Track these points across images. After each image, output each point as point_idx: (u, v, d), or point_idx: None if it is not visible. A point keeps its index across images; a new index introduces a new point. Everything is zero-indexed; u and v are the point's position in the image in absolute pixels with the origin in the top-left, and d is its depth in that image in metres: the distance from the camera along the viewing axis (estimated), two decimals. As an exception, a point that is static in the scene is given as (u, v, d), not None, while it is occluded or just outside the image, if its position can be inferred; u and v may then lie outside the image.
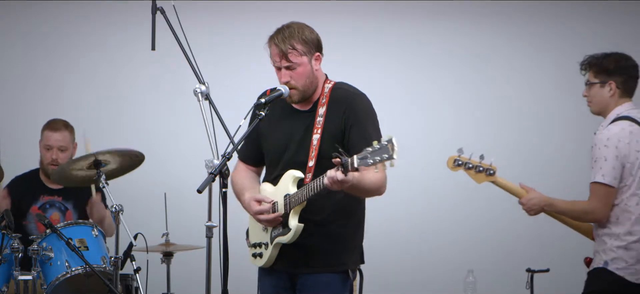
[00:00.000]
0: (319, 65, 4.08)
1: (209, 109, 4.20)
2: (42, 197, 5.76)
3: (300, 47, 3.99)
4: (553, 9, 6.74)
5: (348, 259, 4.06)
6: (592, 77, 4.69)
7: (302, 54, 4.00)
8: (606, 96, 4.66)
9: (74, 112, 6.36)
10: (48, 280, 5.05)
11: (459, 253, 6.59)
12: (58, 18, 6.50)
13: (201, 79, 4.30)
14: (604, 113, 4.70)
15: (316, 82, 4.05)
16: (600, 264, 4.57)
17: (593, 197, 4.55)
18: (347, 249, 4.07)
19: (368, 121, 3.96)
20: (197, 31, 4.77)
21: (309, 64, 4.02)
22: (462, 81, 6.75)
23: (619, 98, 4.67)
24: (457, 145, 6.70)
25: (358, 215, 4.08)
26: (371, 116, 3.99)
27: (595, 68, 4.69)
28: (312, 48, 4.03)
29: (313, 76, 4.04)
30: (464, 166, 4.59)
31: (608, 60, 4.68)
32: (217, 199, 3.95)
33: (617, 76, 4.66)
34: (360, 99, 4.02)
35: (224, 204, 3.86)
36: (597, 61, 4.69)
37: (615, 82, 4.65)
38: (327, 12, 6.57)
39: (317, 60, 4.06)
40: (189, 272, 5.75)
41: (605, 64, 4.67)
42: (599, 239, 4.62)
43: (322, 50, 4.10)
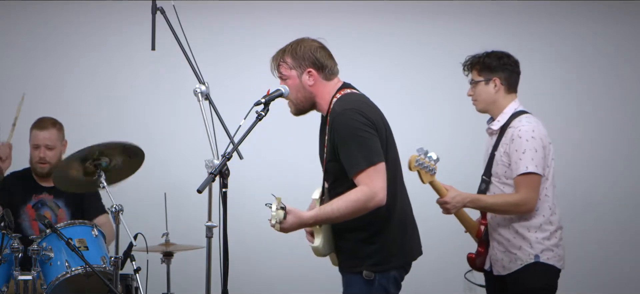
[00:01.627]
0: (314, 81, 4.12)
1: (209, 109, 4.20)
2: (35, 196, 5.77)
3: (289, 61, 4.12)
4: (553, 9, 6.74)
5: (362, 262, 4.09)
6: (476, 75, 4.79)
7: (291, 67, 4.12)
8: (492, 92, 4.76)
9: (74, 112, 6.37)
10: (48, 280, 5.05)
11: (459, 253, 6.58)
12: (58, 18, 6.50)
13: (201, 79, 4.31)
14: (491, 110, 4.80)
15: (311, 96, 4.13)
16: (530, 259, 4.64)
17: (526, 188, 4.60)
18: (362, 252, 4.10)
19: (349, 140, 3.98)
20: (197, 31, 4.77)
21: (298, 79, 4.11)
22: (462, 80, 6.73)
23: (506, 94, 4.76)
24: (457, 145, 6.74)
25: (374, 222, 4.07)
26: (351, 133, 3.98)
27: (478, 66, 4.79)
28: (304, 63, 4.11)
29: (305, 90, 4.12)
30: (420, 166, 4.61)
31: (490, 58, 4.78)
32: (217, 199, 3.95)
33: (501, 72, 4.76)
34: (340, 118, 4.02)
35: (224, 204, 3.86)
36: (480, 59, 4.80)
37: (499, 79, 4.74)
38: (327, 12, 6.57)
39: (310, 76, 4.11)
40: (189, 272, 5.75)
41: (487, 61, 4.78)
42: (516, 234, 4.67)
43: (321, 67, 4.14)
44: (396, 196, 4.11)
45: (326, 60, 4.15)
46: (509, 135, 4.66)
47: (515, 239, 4.68)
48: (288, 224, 3.94)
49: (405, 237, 4.16)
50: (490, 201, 4.70)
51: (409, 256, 4.19)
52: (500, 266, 4.77)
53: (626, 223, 6.81)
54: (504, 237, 4.72)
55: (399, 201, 4.13)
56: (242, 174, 4.77)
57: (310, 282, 6.39)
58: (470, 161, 6.72)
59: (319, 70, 4.13)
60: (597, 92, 6.83)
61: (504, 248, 4.73)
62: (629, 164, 6.84)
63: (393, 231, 4.10)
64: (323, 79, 4.15)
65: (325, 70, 4.14)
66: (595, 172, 6.82)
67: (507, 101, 4.76)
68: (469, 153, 6.72)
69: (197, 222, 4.68)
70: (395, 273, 4.10)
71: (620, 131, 6.84)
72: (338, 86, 4.18)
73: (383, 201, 3.95)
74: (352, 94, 4.16)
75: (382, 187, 3.94)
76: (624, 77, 6.86)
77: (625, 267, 6.79)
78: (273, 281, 6.53)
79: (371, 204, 3.93)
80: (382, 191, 3.94)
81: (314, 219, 3.99)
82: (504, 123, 4.74)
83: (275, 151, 6.48)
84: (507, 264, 4.72)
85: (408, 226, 4.20)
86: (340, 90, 4.16)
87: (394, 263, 4.10)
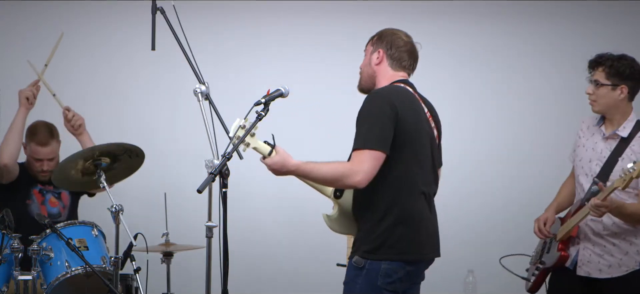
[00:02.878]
0: (380, 62, 4.25)
1: (209, 109, 4.20)
2: (37, 183, 5.77)
3: (375, 39, 4.34)
4: (553, 9, 6.74)
5: (358, 248, 4.11)
6: (603, 78, 4.66)
7: (372, 44, 4.33)
8: (616, 98, 4.65)
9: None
10: (48, 280, 5.05)
11: (459, 253, 6.59)
12: (58, 18, 6.50)
13: (201, 79, 4.31)
14: (610, 114, 4.69)
15: (373, 75, 4.27)
16: (637, 265, 4.58)
17: None
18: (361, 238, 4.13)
19: (362, 119, 4.04)
20: (197, 31, 4.77)
21: (370, 55, 4.29)
22: (462, 80, 6.75)
23: (628, 102, 4.67)
24: (457, 145, 6.73)
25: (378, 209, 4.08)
26: (367, 113, 4.03)
27: (607, 69, 4.66)
28: (380, 44, 4.28)
29: (370, 67, 4.28)
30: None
31: (622, 64, 4.65)
32: (217, 199, 3.95)
33: (630, 80, 4.65)
34: (366, 99, 4.12)
35: (224, 204, 3.86)
36: (611, 63, 4.66)
37: (627, 87, 4.64)
38: (327, 12, 6.57)
39: (378, 56, 4.26)
40: (189, 272, 5.76)
41: (619, 67, 4.64)
42: (624, 240, 4.60)
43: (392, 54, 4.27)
44: (411, 192, 4.09)
45: (400, 52, 4.26)
46: None
47: (621, 243, 4.60)
48: (272, 161, 3.96)
49: (408, 233, 4.10)
50: (631, 209, 4.55)
51: (411, 254, 4.12)
52: (594, 269, 4.65)
53: None
54: (608, 241, 4.63)
55: (415, 197, 4.11)
56: (242, 174, 4.77)
57: (311, 282, 6.39)
58: (470, 161, 6.74)
59: (389, 56, 4.24)
60: (597, 92, 6.83)
61: (604, 252, 4.63)
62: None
63: (394, 224, 4.07)
64: (389, 65, 4.24)
65: (394, 58, 4.24)
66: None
67: (629, 108, 4.68)
68: (469, 153, 6.74)
69: (197, 222, 4.67)
70: (386, 265, 4.05)
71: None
72: (400, 78, 4.24)
73: (361, 183, 3.95)
74: (398, 86, 4.19)
75: (367, 172, 3.94)
76: (624, 77, 6.86)
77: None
78: (273, 281, 6.52)
79: (348, 180, 3.96)
80: (364, 174, 3.94)
81: (296, 167, 4.00)
82: (631, 131, 4.65)
83: (275, 151, 6.48)
84: (606, 268, 4.63)
85: (421, 226, 4.14)
86: (397, 82, 4.21)
87: (384, 254, 4.06)
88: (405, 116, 4.04)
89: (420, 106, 4.21)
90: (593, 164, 4.71)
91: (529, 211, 5.40)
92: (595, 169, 4.69)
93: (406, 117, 4.05)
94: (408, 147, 4.05)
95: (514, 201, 6.59)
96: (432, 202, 4.25)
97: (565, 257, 4.74)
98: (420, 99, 4.24)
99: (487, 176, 6.69)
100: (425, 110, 4.23)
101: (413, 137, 4.08)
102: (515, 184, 6.64)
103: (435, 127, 4.29)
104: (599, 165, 4.68)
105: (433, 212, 4.25)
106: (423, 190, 4.14)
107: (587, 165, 4.72)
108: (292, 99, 4.22)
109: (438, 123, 4.32)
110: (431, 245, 4.23)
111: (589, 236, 4.66)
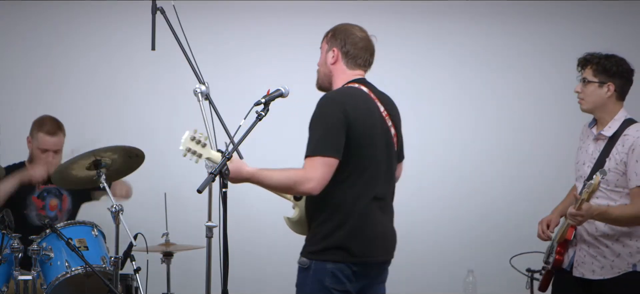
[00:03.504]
0: (335, 62, 4.23)
1: (209, 109, 4.20)
2: (39, 185, 5.77)
3: (329, 36, 4.29)
4: (553, 9, 6.74)
5: (304, 248, 4.15)
6: (591, 75, 4.67)
7: (327, 42, 4.28)
8: (603, 96, 4.65)
9: (74, 112, 6.37)
10: (48, 280, 5.05)
11: (459, 253, 6.59)
12: (58, 18, 6.50)
13: (201, 79, 4.31)
14: (598, 113, 4.68)
15: (329, 74, 4.25)
16: (629, 267, 4.56)
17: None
18: (308, 239, 4.16)
19: (313, 124, 4.04)
20: (197, 31, 4.77)
21: (325, 54, 4.27)
22: (461, 80, 6.75)
23: (616, 100, 4.66)
24: (457, 145, 6.74)
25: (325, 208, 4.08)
26: (317, 118, 4.04)
27: (594, 67, 4.67)
28: (334, 42, 4.24)
29: (326, 67, 4.26)
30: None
31: (610, 62, 4.65)
32: (217, 199, 3.95)
33: (618, 78, 4.65)
34: (318, 102, 4.12)
35: (224, 204, 3.86)
36: (598, 60, 4.67)
37: (614, 85, 4.64)
38: (328, 12, 6.56)
39: (333, 55, 4.23)
40: (189, 272, 5.76)
41: (606, 64, 4.65)
42: (617, 241, 4.58)
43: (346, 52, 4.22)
44: (359, 195, 4.07)
45: (355, 50, 4.22)
46: (628, 144, 4.55)
47: (614, 245, 4.59)
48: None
49: (353, 235, 4.08)
50: (616, 213, 4.54)
51: (355, 257, 4.09)
52: (588, 270, 4.64)
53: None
54: (601, 242, 4.61)
55: (363, 200, 4.09)
56: (242, 174, 4.76)
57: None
58: (470, 161, 6.75)
59: (343, 55, 4.22)
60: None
61: (597, 253, 4.62)
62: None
63: (338, 226, 4.06)
64: (344, 65, 4.22)
65: (349, 56, 4.21)
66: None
67: (617, 107, 4.66)
68: (469, 153, 6.74)
69: (197, 222, 4.67)
70: (331, 266, 4.05)
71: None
72: (355, 77, 4.21)
73: (314, 191, 3.97)
74: (352, 87, 4.17)
75: (319, 179, 3.96)
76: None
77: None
78: (273, 281, 6.52)
79: (301, 188, 3.98)
80: (316, 182, 3.96)
81: (250, 174, 4.01)
82: (616, 130, 4.63)
83: (275, 151, 6.47)
84: (599, 270, 4.61)
85: (367, 228, 4.11)
86: (353, 82, 4.19)
87: (328, 255, 4.06)
88: (357, 121, 4.04)
89: (374, 106, 4.18)
90: (585, 167, 4.72)
91: (529, 211, 5.41)
92: (586, 171, 4.69)
93: (358, 122, 4.04)
94: (359, 152, 4.05)
95: (514, 201, 6.60)
96: (386, 205, 4.22)
97: (559, 260, 4.75)
98: (375, 98, 4.20)
99: (487, 176, 6.69)
100: (380, 109, 4.20)
101: (365, 142, 4.08)
102: (515, 184, 6.65)
103: (393, 124, 4.24)
104: (590, 167, 4.69)
105: (387, 215, 4.22)
106: (374, 194, 4.12)
107: (581, 168, 4.74)
108: (292, 99, 4.22)
109: (395, 119, 4.27)
110: (379, 248, 4.19)
111: (585, 237, 4.65)
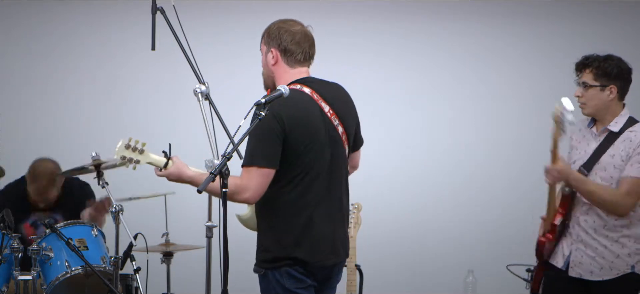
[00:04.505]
0: (276, 63, 4.11)
1: (209, 109, 4.20)
2: (33, 213, 5.74)
3: (265, 37, 4.16)
4: (553, 9, 6.74)
5: (257, 256, 4.15)
6: (591, 79, 4.63)
7: (264, 43, 4.16)
8: (606, 99, 4.62)
9: (74, 112, 6.37)
10: (48, 280, 5.05)
11: (459, 253, 6.59)
12: (58, 18, 6.50)
13: (201, 79, 4.31)
14: (600, 115, 4.66)
15: (272, 76, 4.12)
16: (627, 268, 4.55)
17: (630, 191, 4.51)
18: (258, 246, 4.16)
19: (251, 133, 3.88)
20: (197, 31, 4.77)
21: (264, 56, 4.15)
22: (461, 80, 6.75)
23: (618, 101, 4.65)
24: (457, 145, 6.74)
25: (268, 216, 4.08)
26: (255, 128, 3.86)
27: (594, 70, 4.63)
28: (271, 42, 4.12)
29: (267, 69, 4.14)
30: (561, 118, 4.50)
31: (610, 65, 4.62)
32: (217, 199, 3.95)
33: (619, 81, 4.62)
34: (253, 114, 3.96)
35: (224, 204, 3.86)
36: (598, 64, 4.63)
37: (616, 87, 4.62)
38: (327, 12, 6.57)
39: (272, 56, 4.11)
40: (189, 272, 5.75)
41: (607, 68, 4.61)
42: (615, 242, 4.57)
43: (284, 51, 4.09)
44: (307, 202, 4.04)
45: (292, 46, 4.10)
46: (637, 141, 4.54)
47: (613, 246, 4.57)
48: (168, 172, 3.95)
49: (303, 243, 4.05)
50: (592, 187, 4.55)
51: (307, 259, 4.07)
52: (586, 271, 4.61)
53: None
54: (600, 243, 4.59)
55: (306, 206, 4.05)
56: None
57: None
58: (470, 161, 6.75)
59: (282, 53, 4.10)
60: (597, 92, 6.83)
61: (596, 254, 4.60)
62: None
63: (286, 232, 4.05)
64: (285, 64, 4.10)
65: (288, 54, 4.10)
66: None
67: (619, 107, 4.64)
68: (468, 153, 6.74)
69: (197, 222, 4.68)
70: (286, 270, 4.05)
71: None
72: (298, 77, 4.10)
73: (250, 200, 3.98)
74: (293, 91, 3.99)
75: (255, 188, 3.93)
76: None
77: None
78: (273, 281, 6.52)
79: (238, 197, 3.94)
80: (252, 192, 3.94)
81: (190, 178, 3.97)
82: (622, 126, 4.62)
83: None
84: (597, 271, 4.59)
85: (312, 233, 4.07)
86: (295, 83, 4.07)
87: (280, 262, 4.05)
88: (294, 129, 3.96)
89: (316, 108, 4.06)
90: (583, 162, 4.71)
91: (529, 211, 5.40)
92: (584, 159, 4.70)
93: (295, 130, 3.97)
94: (298, 159, 4.00)
95: (514, 201, 6.59)
96: (333, 206, 4.13)
97: (542, 242, 4.72)
98: (319, 98, 4.08)
99: (487, 177, 6.69)
100: (325, 109, 4.08)
101: (304, 148, 4.00)
102: (516, 185, 6.64)
103: (341, 122, 4.12)
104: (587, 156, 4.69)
105: (334, 216, 4.14)
106: (318, 198, 4.06)
107: (574, 167, 4.72)
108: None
109: (343, 112, 4.14)
110: (326, 251, 4.13)
111: (582, 236, 4.64)
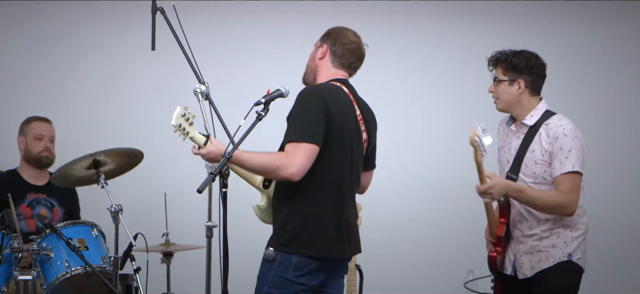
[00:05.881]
0: (323, 57, 4.27)
1: (209, 109, 4.20)
2: (29, 194, 5.76)
3: (325, 35, 4.33)
4: (553, 9, 6.74)
5: (272, 239, 4.13)
6: (500, 74, 4.71)
7: (321, 39, 4.33)
8: (515, 93, 4.68)
9: (74, 112, 6.37)
10: (48, 280, 5.05)
11: (459, 253, 6.59)
12: (58, 18, 6.50)
13: (201, 79, 4.31)
14: (514, 110, 4.70)
15: (315, 69, 4.30)
16: (563, 257, 4.56)
17: (570, 188, 4.52)
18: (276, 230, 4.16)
19: (296, 112, 4.04)
20: (197, 31, 4.77)
21: (316, 49, 4.32)
22: (461, 81, 6.75)
23: (530, 96, 4.68)
24: (457, 145, 6.71)
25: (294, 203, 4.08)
26: (300, 108, 4.03)
27: (504, 65, 4.71)
28: (326, 40, 4.30)
29: (313, 61, 4.31)
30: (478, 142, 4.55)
31: (518, 58, 4.69)
32: (217, 199, 3.95)
33: (527, 74, 4.67)
34: (300, 93, 4.12)
35: (224, 204, 3.87)
36: (506, 58, 4.71)
37: (524, 81, 4.67)
38: (328, 12, 6.57)
39: (322, 51, 4.28)
40: (189, 272, 5.76)
41: (514, 61, 4.69)
42: (551, 231, 4.59)
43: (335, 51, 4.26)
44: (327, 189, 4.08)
45: (344, 50, 4.25)
46: (552, 134, 4.57)
47: (550, 236, 4.58)
48: (207, 150, 3.96)
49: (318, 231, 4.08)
50: (533, 194, 4.56)
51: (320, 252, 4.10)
52: (527, 269, 4.63)
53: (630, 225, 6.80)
54: (535, 238, 4.60)
55: (331, 198, 4.09)
56: (242, 174, 4.76)
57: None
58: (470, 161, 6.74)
59: (332, 52, 4.25)
60: (597, 93, 6.83)
61: (533, 249, 4.61)
62: (629, 164, 6.84)
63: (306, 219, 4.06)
64: (330, 62, 4.26)
65: (337, 55, 4.25)
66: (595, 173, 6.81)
67: (532, 102, 4.68)
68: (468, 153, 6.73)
69: (197, 222, 4.68)
70: (296, 259, 4.05)
71: (621, 131, 6.84)
72: (338, 77, 4.24)
73: (294, 176, 3.94)
74: (332, 84, 4.19)
75: (300, 164, 3.94)
76: (624, 78, 6.86)
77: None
78: (273, 281, 6.52)
79: (281, 172, 3.94)
80: (298, 167, 3.93)
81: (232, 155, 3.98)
82: (538, 120, 4.65)
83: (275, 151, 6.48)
84: (536, 264, 4.60)
85: (325, 224, 4.11)
86: (335, 81, 4.21)
87: (295, 248, 4.05)
88: (334, 114, 4.05)
89: (351, 107, 4.19)
90: (509, 165, 4.74)
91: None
92: (508, 165, 4.74)
93: (335, 116, 4.06)
94: (332, 145, 4.05)
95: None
96: (349, 203, 4.19)
97: (493, 257, 4.78)
98: (354, 101, 4.22)
99: (487, 176, 6.68)
100: (356, 112, 4.21)
101: (339, 137, 4.08)
102: (515, 184, 6.64)
103: (366, 130, 4.26)
104: (511, 160, 4.72)
105: (349, 212, 4.19)
106: (340, 190, 4.11)
107: (506, 166, 4.76)
108: (292, 99, 4.23)
109: (370, 126, 4.28)
110: (338, 245, 4.17)
111: (521, 238, 4.66)
